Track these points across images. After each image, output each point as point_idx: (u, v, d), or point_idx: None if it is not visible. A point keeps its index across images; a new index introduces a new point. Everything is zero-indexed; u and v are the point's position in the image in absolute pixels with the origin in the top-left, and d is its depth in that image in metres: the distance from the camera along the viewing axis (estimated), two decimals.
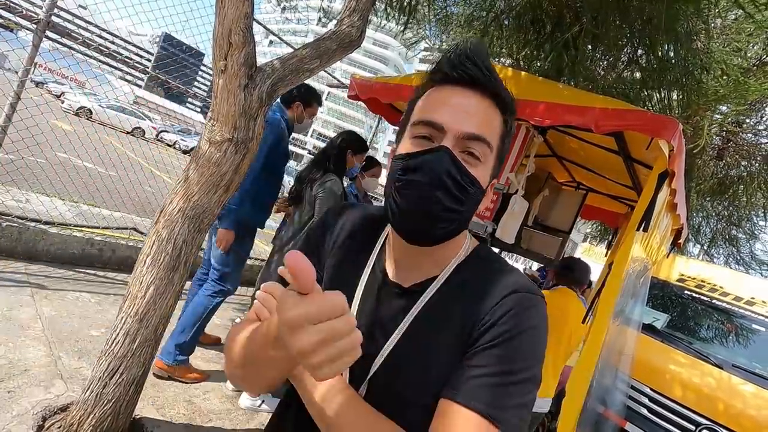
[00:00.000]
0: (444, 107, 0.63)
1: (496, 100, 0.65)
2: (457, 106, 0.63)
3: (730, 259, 6.64)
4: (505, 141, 0.68)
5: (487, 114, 0.64)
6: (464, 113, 0.62)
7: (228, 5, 1.53)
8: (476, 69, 0.62)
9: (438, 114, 0.63)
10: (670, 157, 1.74)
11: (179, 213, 1.70)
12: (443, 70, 0.65)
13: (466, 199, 0.62)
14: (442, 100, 0.64)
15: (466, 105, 0.63)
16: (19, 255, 3.18)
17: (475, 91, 0.64)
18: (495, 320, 0.61)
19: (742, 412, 2.60)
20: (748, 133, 4.41)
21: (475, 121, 0.62)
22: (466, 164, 0.62)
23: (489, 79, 0.63)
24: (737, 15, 3.20)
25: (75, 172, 4.59)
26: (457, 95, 0.64)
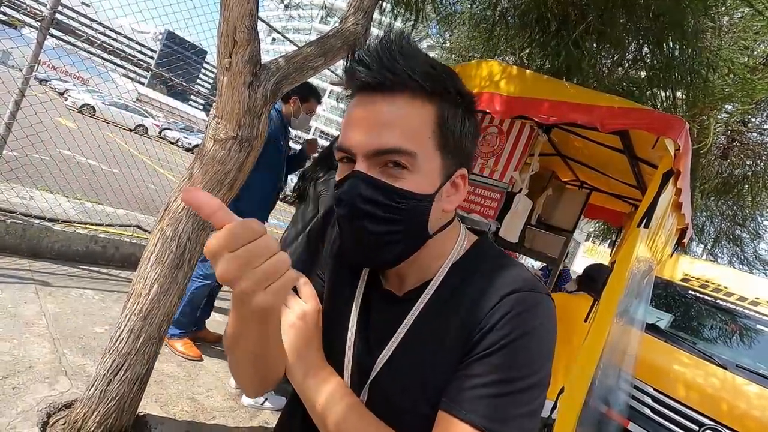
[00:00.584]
0: (350, 126, 0.58)
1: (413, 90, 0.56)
2: (360, 122, 0.57)
3: (734, 259, 6.62)
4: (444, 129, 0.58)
5: (403, 114, 0.56)
6: (368, 127, 0.56)
7: (233, 2, 1.53)
8: (369, 73, 0.55)
9: (346, 136, 0.58)
10: (676, 156, 1.73)
11: (183, 211, 1.70)
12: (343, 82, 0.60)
13: (400, 215, 0.57)
14: (349, 119, 0.59)
15: (369, 116, 0.57)
16: (24, 252, 3.19)
17: (382, 95, 0.56)
18: (493, 324, 0.56)
19: (746, 413, 2.59)
20: (753, 132, 4.39)
21: (384, 132, 0.55)
22: (390, 178, 0.57)
23: (389, 79, 0.55)
24: (744, 13, 3.18)
25: (79, 169, 4.60)
26: (361, 108, 0.58)
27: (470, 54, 4.19)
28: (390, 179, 0.56)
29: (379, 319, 0.67)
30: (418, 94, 0.56)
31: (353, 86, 0.59)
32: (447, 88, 0.58)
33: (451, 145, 0.60)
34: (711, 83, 2.99)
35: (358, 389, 0.65)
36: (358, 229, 0.58)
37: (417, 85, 0.55)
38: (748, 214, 5.87)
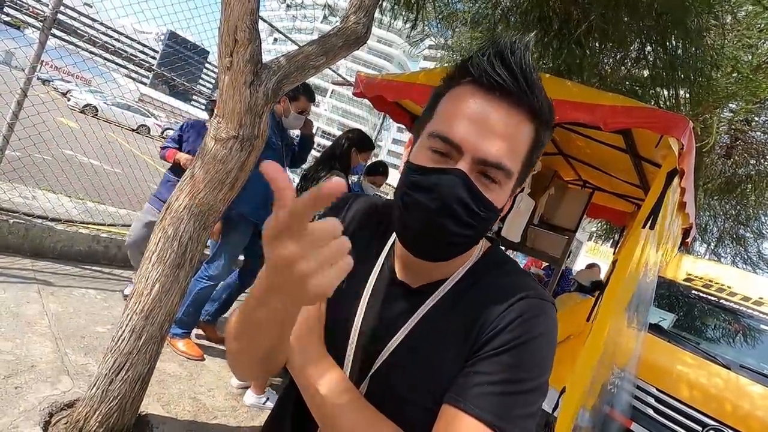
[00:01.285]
0: (464, 121, 0.56)
1: (530, 111, 0.57)
2: (479, 122, 0.55)
3: (737, 259, 6.59)
4: (532, 156, 0.61)
5: (516, 131, 0.56)
6: (488, 132, 0.55)
7: (234, 2, 1.52)
8: (512, 78, 0.54)
9: (456, 129, 0.56)
10: (680, 155, 1.72)
11: (185, 210, 1.70)
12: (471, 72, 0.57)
13: (478, 222, 0.58)
14: (464, 111, 0.57)
15: (490, 121, 0.55)
16: (26, 252, 3.20)
17: (507, 102, 0.56)
18: (503, 326, 0.59)
19: (750, 413, 2.58)
20: (757, 132, 4.36)
21: (498, 144, 0.55)
22: (482, 187, 0.57)
23: (524, 89, 0.55)
24: (748, 11, 3.16)
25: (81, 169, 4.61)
26: (482, 106, 0.56)
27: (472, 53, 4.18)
28: (482, 188, 0.57)
29: (389, 308, 0.67)
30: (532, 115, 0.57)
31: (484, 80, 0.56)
32: (549, 121, 0.60)
33: (528, 165, 0.61)
34: (715, 82, 2.97)
35: (360, 376, 0.66)
36: (439, 225, 0.57)
37: (537, 108, 0.56)
38: (751, 213, 5.84)
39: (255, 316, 0.53)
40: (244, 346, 0.60)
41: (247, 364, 0.65)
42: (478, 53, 0.57)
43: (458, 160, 0.56)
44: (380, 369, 0.64)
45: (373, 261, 0.72)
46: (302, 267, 0.40)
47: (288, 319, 0.55)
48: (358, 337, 0.67)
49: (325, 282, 0.41)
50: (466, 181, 0.56)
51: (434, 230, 0.58)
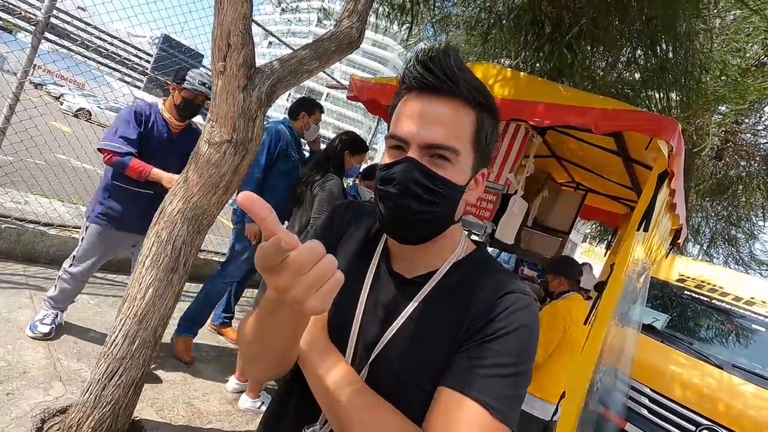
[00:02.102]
0: (407, 119, 0.67)
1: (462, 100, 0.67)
2: (417, 117, 0.66)
3: (729, 259, 6.64)
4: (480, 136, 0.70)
5: (451, 118, 0.66)
6: (425, 122, 0.66)
7: (227, 6, 1.53)
8: (433, 77, 0.65)
9: (402, 127, 0.67)
10: (670, 157, 1.74)
11: (179, 214, 1.69)
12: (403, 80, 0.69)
13: (439, 199, 0.67)
14: (406, 111, 0.68)
15: (426, 113, 0.66)
16: (18, 257, 3.17)
17: (438, 96, 0.66)
18: (493, 316, 0.66)
19: (743, 413, 2.60)
20: (747, 134, 4.41)
21: (436, 130, 0.65)
22: (435, 167, 0.66)
23: (449, 85, 0.65)
24: (736, 15, 3.20)
25: (74, 173, 4.58)
26: (419, 104, 0.67)
27: (466, 57, 4.21)
28: (435, 168, 0.66)
29: (387, 298, 0.74)
30: (467, 102, 0.67)
31: (414, 85, 0.67)
32: (487, 100, 0.69)
33: (482, 147, 0.71)
34: (704, 85, 3.01)
35: (362, 362, 0.71)
36: (404, 207, 0.67)
37: (468, 95, 0.66)
38: (742, 214, 5.90)
39: (268, 321, 0.60)
40: (257, 349, 0.67)
41: (262, 366, 0.71)
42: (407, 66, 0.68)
43: (408, 151, 0.67)
44: (380, 355, 0.70)
45: (369, 259, 0.79)
46: (292, 294, 0.46)
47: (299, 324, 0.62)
48: (359, 328, 0.73)
49: (317, 303, 0.46)
50: (416, 164, 0.66)
51: (403, 212, 0.67)
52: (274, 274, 0.46)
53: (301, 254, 0.45)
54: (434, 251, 0.75)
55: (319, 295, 0.46)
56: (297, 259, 0.45)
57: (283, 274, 0.46)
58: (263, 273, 0.47)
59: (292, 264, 0.45)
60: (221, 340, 3.27)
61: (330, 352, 0.71)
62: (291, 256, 0.45)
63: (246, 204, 0.42)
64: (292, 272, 0.45)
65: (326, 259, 0.47)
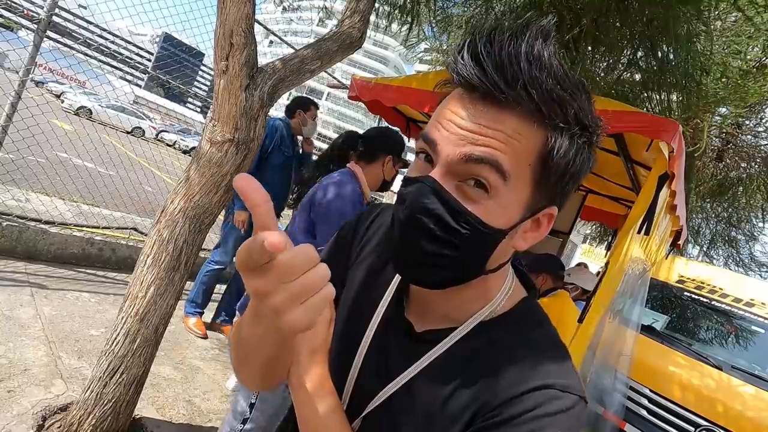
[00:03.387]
0: (443, 120, 0.49)
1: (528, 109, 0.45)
2: (457, 120, 0.47)
3: (729, 261, 6.65)
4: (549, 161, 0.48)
5: (506, 133, 0.46)
6: (463, 129, 0.47)
7: (229, 6, 1.54)
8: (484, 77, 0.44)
9: (436, 128, 0.49)
10: (670, 158, 1.75)
11: (180, 213, 1.70)
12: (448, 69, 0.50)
13: (460, 241, 0.48)
14: (444, 114, 0.49)
15: (468, 119, 0.47)
16: (19, 255, 3.18)
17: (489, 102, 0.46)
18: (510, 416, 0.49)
19: (742, 414, 2.61)
20: (747, 135, 4.43)
21: (479, 140, 0.46)
22: (465, 197, 0.48)
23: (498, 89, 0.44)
24: (737, 18, 3.21)
25: (75, 171, 4.60)
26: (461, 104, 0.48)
27: None
28: (463, 198, 0.48)
29: (392, 349, 0.61)
30: (532, 115, 0.46)
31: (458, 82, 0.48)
32: (568, 115, 0.46)
33: (550, 182, 0.49)
34: (704, 86, 3.02)
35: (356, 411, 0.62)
36: (410, 241, 0.50)
37: (533, 106, 0.45)
38: (743, 215, 5.91)
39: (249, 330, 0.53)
40: (242, 356, 0.60)
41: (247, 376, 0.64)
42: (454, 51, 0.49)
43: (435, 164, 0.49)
44: (374, 412, 0.60)
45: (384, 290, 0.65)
46: (272, 302, 0.38)
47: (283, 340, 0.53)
48: (359, 373, 0.63)
49: (298, 318, 0.38)
50: (434, 187, 0.48)
51: (408, 247, 0.51)
52: (255, 275, 0.38)
53: (292, 257, 0.37)
54: (458, 302, 0.57)
55: (303, 309, 0.38)
56: (286, 262, 0.37)
57: (265, 276, 0.37)
58: (243, 272, 0.38)
59: (279, 267, 0.37)
60: (222, 339, 3.27)
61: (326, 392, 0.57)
62: (280, 258, 0.37)
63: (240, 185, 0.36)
64: (277, 277, 0.37)
65: (320, 268, 0.39)
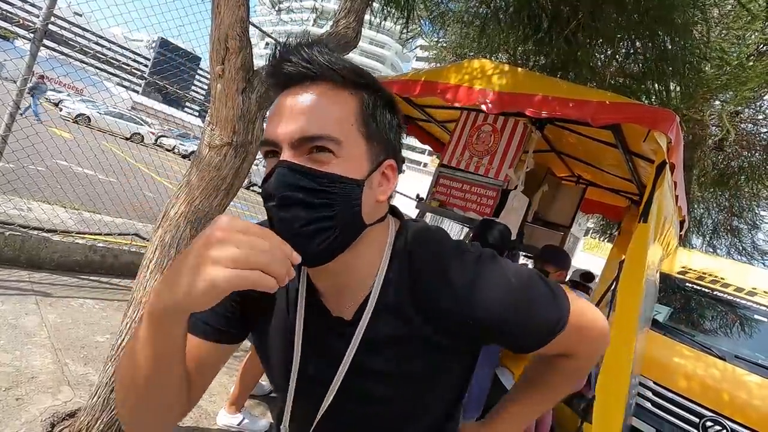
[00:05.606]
0: (273, 119, 0.58)
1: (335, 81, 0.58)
2: (283, 112, 0.57)
3: (732, 250, 6.64)
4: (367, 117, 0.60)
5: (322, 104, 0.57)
6: (291, 116, 0.56)
7: (224, 10, 1.54)
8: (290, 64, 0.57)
9: (270, 129, 0.58)
10: (669, 149, 1.74)
11: (181, 217, 1.71)
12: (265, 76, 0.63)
13: (331, 199, 0.56)
14: (272, 113, 0.60)
15: (291, 106, 0.57)
16: (22, 263, 3.19)
17: (302, 86, 0.58)
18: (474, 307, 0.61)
19: (747, 403, 2.60)
20: (747, 123, 4.40)
21: (304, 120, 0.56)
22: (316, 164, 0.56)
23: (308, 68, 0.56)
24: (733, 5, 3.20)
25: (76, 179, 4.61)
26: (284, 99, 0.58)
27: (464, 52, 4.21)
28: (317, 165, 0.56)
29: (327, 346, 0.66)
30: (339, 85, 0.58)
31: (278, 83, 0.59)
32: (366, 81, 0.60)
33: (375, 134, 0.60)
34: (704, 74, 3.01)
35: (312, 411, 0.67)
36: (292, 218, 0.55)
37: (338, 76, 0.57)
38: (744, 205, 5.90)
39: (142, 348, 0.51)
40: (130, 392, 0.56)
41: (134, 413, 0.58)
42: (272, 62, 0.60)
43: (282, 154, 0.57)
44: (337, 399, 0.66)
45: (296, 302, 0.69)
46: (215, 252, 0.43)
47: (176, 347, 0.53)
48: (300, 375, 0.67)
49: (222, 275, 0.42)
50: (291, 165, 0.55)
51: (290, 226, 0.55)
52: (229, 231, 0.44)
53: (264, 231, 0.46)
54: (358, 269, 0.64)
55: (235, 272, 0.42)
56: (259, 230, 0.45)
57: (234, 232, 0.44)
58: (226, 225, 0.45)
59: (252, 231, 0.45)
60: None
61: None
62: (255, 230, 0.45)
63: None
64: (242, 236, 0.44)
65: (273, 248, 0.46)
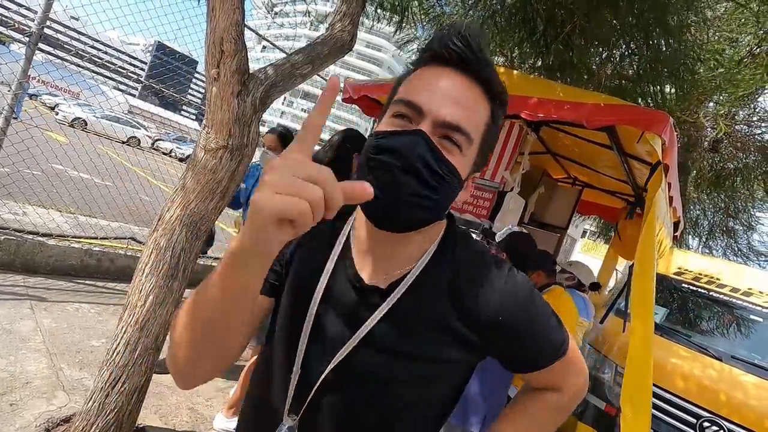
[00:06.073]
0: (427, 89, 0.60)
1: (486, 87, 0.62)
2: (440, 90, 0.59)
3: (728, 251, 6.67)
4: (489, 135, 0.65)
5: (473, 102, 0.61)
6: (447, 98, 0.59)
7: (219, 14, 1.54)
8: (467, 49, 0.59)
9: (419, 95, 0.60)
10: (663, 150, 1.76)
11: (177, 221, 1.70)
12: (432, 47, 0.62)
13: (440, 186, 0.59)
14: (427, 81, 0.61)
15: (450, 89, 0.59)
16: (17, 268, 3.17)
17: (464, 75, 0.60)
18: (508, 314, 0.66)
19: (743, 403, 2.61)
20: (741, 125, 4.43)
21: (457, 109, 0.59)
22: (445, 150, 0.59)
23: (480, 62, 0.60)
24: (727, 7, 3.22)
25: (71, 183, 4.59)
26: (443, 77, 0.60)
27: None
28: (444, 151, 0.59)
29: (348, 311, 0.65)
30: (488, 92, 0.62)
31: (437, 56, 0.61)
32: (503, 102, 0.65)
33: (485, 145, 0.65)
34: (699, 75, 3.03)
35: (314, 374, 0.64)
36: (403, 183, 0.58)
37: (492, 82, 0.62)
38: (740, 206, 5.93)
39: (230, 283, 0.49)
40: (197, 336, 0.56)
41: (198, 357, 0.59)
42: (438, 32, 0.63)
43: (420, 123, 0.59)
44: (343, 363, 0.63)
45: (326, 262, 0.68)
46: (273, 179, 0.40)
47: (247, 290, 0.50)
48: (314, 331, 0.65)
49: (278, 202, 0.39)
50: (428, 141, 0.58)
51: (399, 189, 0.58)
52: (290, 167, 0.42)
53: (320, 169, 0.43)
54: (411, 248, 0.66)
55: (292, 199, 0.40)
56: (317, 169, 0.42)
57: None
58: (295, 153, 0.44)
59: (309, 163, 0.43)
60: None
61: None
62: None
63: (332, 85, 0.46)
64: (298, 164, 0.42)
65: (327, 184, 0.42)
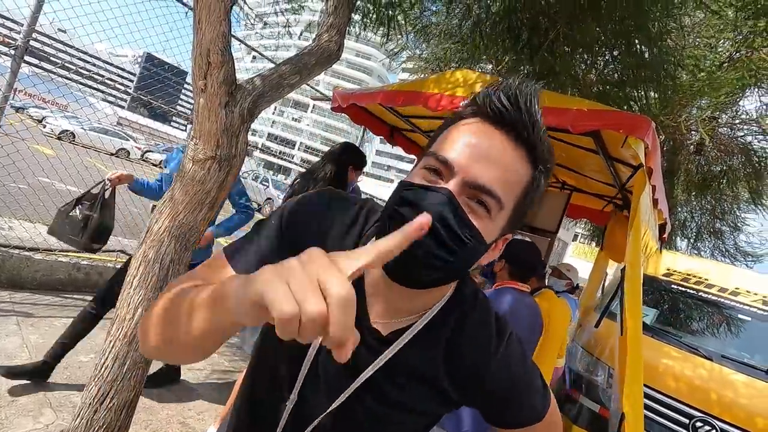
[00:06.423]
0: (462, 145, 0.56)
1: (530, 151, 0.58)
2: (476, 147, 0.56)
3: (715, 252, 6.76)
4: (525, 201, 0.60)
5: (512, 165, 0.57)
6: (481, 157, 0.55)
7: (205, 26, 1.55)
8: (513, 108, 0.55)
9: (452, 151, 0.56)
10: (647, 154, 1.79)
11: (165, 232, 1.69)
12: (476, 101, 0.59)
13: (460, 250, 0.55)
14: (464, 137, 0.57)
15: (487, 148, 0.56)
16: (4, 283, 3.12)
17: (507, 135, 0.57)
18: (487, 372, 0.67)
19: (734, 402, 2.63)
20: (725, 128, 4.51)
21: (491, 170, 0.55)
22: (471, 212, 0.56)
23: (526, 124, 0.55)
24: (705, 13, 3.30)
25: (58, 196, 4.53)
26: (482, 134, 0.57)
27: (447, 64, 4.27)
28: (469, 212, 0.56)
29: None
30: (532, 156, 0.58)
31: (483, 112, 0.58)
32: (548, 164, 0.60)
33: (520, 210, 0.61)
34: (680, 80, 3.09)
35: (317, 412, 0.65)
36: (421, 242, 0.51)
37: (537, 146, 0.58)
38: (726, 207, 6.03)
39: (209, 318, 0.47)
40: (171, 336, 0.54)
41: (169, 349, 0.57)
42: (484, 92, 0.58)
43: (449, 181, 0.56)
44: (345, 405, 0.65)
45: None
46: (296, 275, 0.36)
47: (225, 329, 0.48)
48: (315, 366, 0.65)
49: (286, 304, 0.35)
50: (452, 201, 0.54)
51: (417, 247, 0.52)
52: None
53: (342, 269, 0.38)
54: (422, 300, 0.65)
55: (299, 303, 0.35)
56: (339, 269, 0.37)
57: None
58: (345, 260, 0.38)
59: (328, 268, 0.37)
60: (215, 358, 3.24)
61: None
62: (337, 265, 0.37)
63: None
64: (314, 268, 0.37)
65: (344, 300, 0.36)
